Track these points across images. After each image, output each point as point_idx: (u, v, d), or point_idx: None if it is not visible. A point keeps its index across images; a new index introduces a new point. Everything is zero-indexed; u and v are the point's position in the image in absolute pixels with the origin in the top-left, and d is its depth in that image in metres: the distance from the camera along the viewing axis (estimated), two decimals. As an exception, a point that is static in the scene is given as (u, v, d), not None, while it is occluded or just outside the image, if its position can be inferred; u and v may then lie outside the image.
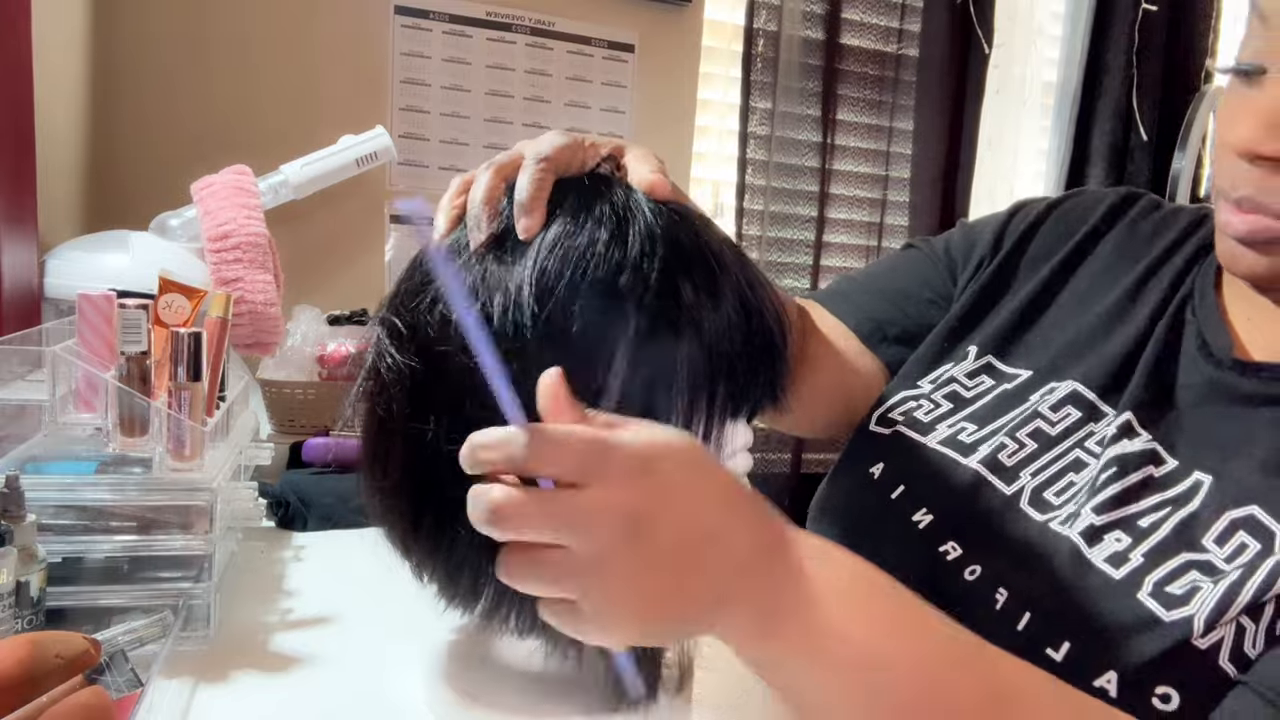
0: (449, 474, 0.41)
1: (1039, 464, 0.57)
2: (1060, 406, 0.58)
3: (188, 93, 1.37)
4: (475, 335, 0.35)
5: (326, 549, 0.77)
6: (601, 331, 0.42)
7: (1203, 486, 0.50)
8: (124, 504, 0.56)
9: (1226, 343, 0.55)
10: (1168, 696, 0.44)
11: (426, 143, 1.53)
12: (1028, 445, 0.58)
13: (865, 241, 1.86)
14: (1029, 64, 1.90)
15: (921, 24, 1.79)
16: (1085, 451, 0.56)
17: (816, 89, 1.75)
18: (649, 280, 0.42)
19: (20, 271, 0.89)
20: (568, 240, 0.43)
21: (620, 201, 0.45)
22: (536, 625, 0.46)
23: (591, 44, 1.60)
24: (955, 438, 0.61)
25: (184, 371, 0.59)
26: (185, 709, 0.50)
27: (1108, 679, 0.45)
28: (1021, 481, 0.56)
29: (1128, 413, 0.55)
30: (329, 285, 1.43)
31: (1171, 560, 0.48)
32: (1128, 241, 0.64)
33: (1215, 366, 0.55)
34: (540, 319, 0.42)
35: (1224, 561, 0.47)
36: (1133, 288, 0.61)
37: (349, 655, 0.58)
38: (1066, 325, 0.62)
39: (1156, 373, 0.56)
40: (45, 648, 0.40)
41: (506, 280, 0.43)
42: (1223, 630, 0.44)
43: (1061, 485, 0.55)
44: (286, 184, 1.08)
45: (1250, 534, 0.47)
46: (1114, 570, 0.49)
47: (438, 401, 0.43)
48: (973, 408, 0.62)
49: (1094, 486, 0.53)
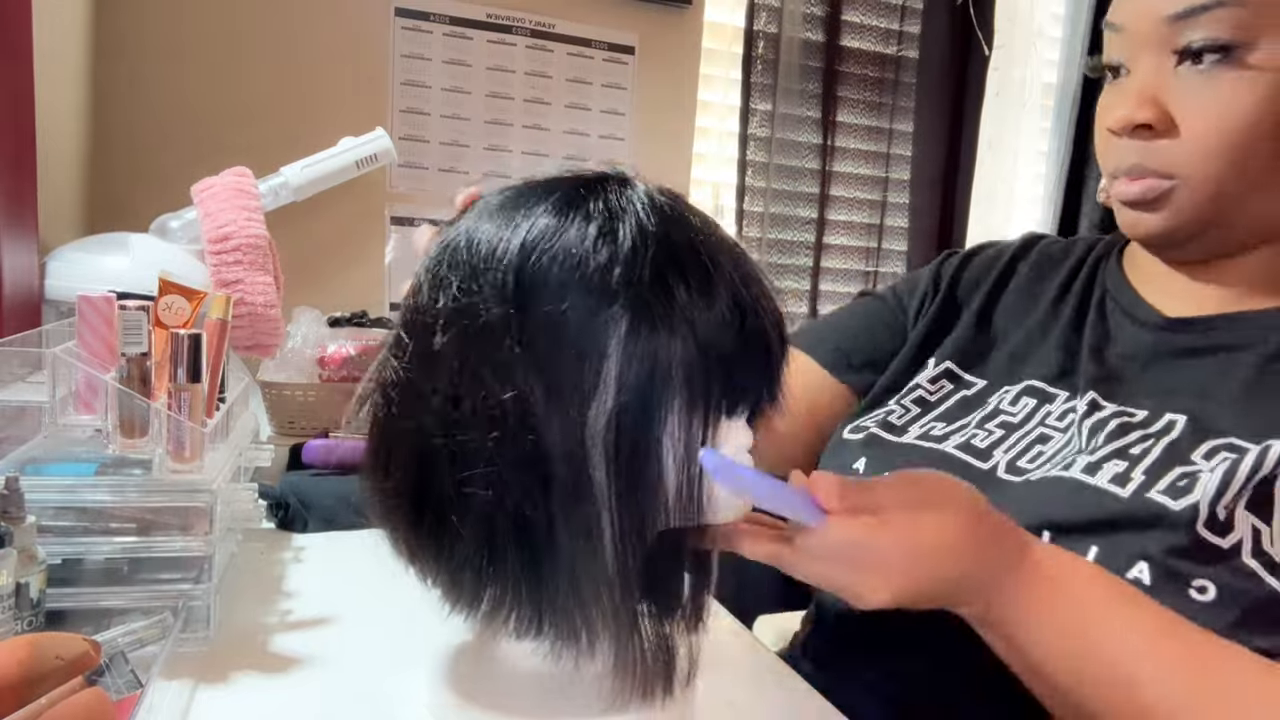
0: (450, 473, 0.41)
1: (1008, 444, 0.63)
2: (1018, 400, 0.66)
3: (188, 94, 1.37)
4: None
5: (326, 550, 0.77)
6: (589, 329, 0.42)
7: (1178, 423, 0.57)
8: (124, 505, 0.56)
9: (1153, 313, 0.64)
10: (1204, 588, 0.49)
11: (427, 145, 1.53)
12: (996, 433, 0.65)
13: (865, 243, 1.86)
14: (1029, 66, 1.90)
15: (921, 26, 1.79)
16: (1046, 426, 0.63)
17: (816, 91, 1.75)
18: (639, 276, 0.42)
19: (21, 273, 0.89)
20: (552, 235, 0.43)
21: (613, 198, 0.45)
22: (537, 626, 0.46)
23: (592, 46, 1.60)
24: (928, 434, 0.67)
25: (184, 373, 0.59)
26: (185, 710, 0.50)
27: (1139, 569, 0.50)
28: (995, 458, 0.62)
29: (1090, 393, 0.62)
30: (329, 287, 1.43)
31: (1168, 473, 0.54)
32: (1039, 267, 0.75)
33: (1150, 330, 0.64)
34: (521, 311, 0.42)
35: (1212, 469, 0.52)
36: (1055, 298, 0.71)
37: (349, 656, 0.58)
38: (1008, 338, 0.71)
39: (1100, 354, 0.65)
40: (45, 649, 0.40)
41: (493, 271, 0.43)
42: (1239, 530, 0.50)
43: (1032, 455, 0.61)
44: (287, 186, 1.08)
45: (1230, 452, 0.53)
46: (1120, 489, 0.54)
47: (437, 400, 0.43)
48: (939, 409, 0.69)
49: (1081, 448, 0.59)
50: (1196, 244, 0.60)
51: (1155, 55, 0.58)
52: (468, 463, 0.42)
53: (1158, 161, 0.58)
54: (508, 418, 0.41)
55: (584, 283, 0.42)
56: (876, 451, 0.67)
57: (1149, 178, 0.58)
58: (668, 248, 0.43)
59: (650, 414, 0.42)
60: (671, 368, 0.42)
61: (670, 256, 0.43)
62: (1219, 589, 0.49)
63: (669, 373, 0.42)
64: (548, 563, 0.43)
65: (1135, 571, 0.50)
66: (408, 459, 0.45)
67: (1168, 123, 0.57)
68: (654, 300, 0.42)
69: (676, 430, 0.43)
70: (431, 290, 0.45)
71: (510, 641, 0.49)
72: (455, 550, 0.44)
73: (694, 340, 0.43)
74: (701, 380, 0.43)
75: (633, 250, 0.42)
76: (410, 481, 0.45)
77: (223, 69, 1.39)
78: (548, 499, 0.42)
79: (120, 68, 1.33)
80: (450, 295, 0.43)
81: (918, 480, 0.49)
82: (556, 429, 0.41)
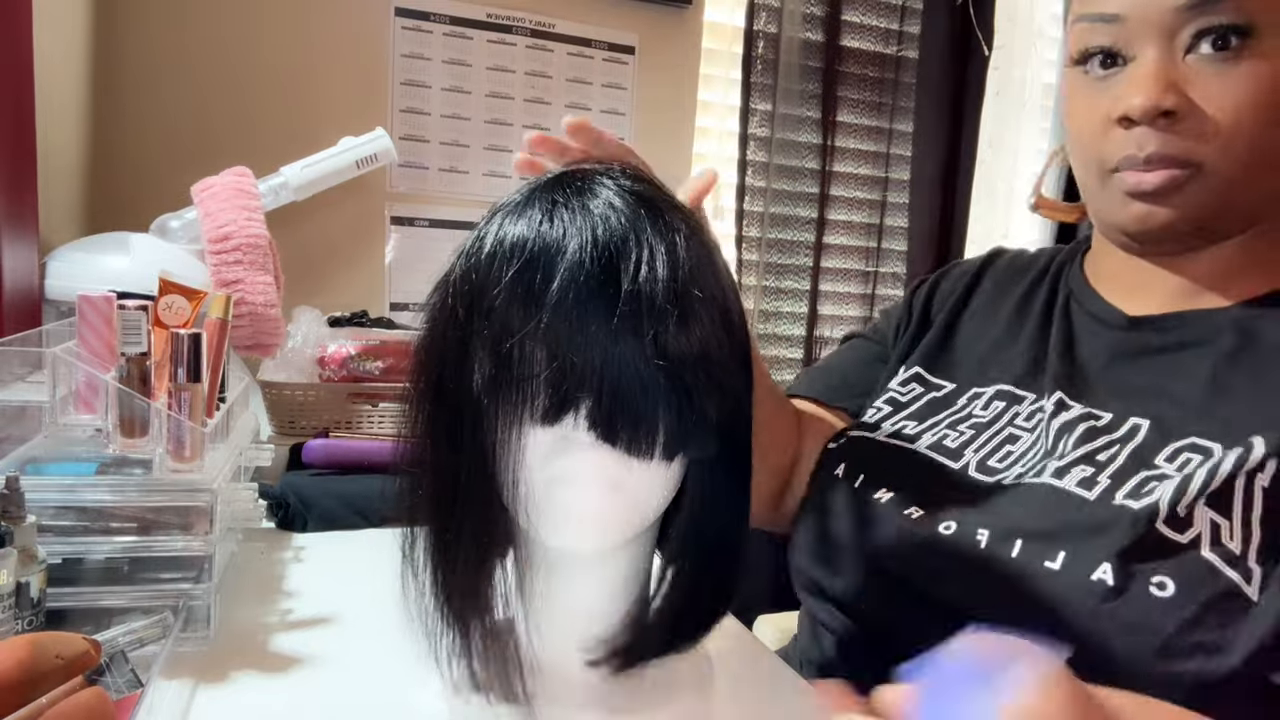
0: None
1: (978, 443, 0.65)
2: (989, 404, 0.68)
3: (188, 94, 1.37)
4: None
5: (326, 550, 0.77)
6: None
7: (1141, 428, 0.58)
8: (124, 505, 0.56)
9: (1115, 313, 0.65)
10: (1164, 584, 0.49)
11: (427, 144, 1.53)
12: (966, 434, 0.66)
13: (865, 243, 1.86)
14: (1029, 66, 1.90)
15: (921, 26, 1.79)
16: (1015, 427, 0.65)
17: (816, 91, 1.75)
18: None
19: (21, 273, 0.89)
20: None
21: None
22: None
23: (592, 46, 1.60)
24: (899, 432, 0.69)
25: (184, 373, 0.59)
26: (185, 710, 0.50)
27: (1103, 570, 0.51)
28: (966, 458, 0.64)
29: (1057, 393, 0.63)
30: (329, 287, 1.43)
31: (1133, 478, 0.55)
32: (1003, 276, 0.77)
33: (1111, 329, 0.65)
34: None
35: (1175, 471, 0.54)
36: (1019, 304, 0.73)
37: (349, 655, 0.58)
38: (972, 345, 0.73)
39: (1066, 355, 0.66)
40: (45, 649, 0.40)
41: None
42: (1198, 525, 0.51)
43: (1001, 454, 0.63)
44: (287, 186, 1.08)
45: (1193, 453, 0.55)
46: (1087, 492, 0.55)
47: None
48: (909, 409, 0.71)
49: (1048, 450, 0.60)
50: (1195, 235, 0.60)
51: (1162, 43, 0.57)
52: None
53: (1179, 149, 0.57)
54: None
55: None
56: (855, 456, 0.69)
57: (1170, 167, 0.57)
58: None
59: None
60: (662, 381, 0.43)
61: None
62: (1177, 585, 0.49)
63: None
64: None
65: (1099, 573, 0.51)
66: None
67: (1188, 109, 0.56)
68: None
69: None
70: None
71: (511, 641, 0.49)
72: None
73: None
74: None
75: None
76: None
77: (223, 69, 1.39)
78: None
79: (120, 68, 1.33)
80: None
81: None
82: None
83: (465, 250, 0.46)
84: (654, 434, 0.43)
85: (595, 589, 0.50)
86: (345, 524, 0.81)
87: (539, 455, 0.44)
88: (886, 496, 0.63)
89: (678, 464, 0.46)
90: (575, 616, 0.51)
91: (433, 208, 1.54)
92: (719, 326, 0.45)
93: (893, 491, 0.64)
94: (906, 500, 0.62)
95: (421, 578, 0.48)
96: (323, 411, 1.05)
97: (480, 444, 0.44)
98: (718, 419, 0.45)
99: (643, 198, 0.45)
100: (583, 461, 0.43)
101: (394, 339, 1.13)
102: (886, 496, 0.63)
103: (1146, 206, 0.59)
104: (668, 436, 0.44)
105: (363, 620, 0.63)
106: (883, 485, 0.64)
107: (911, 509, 0.61)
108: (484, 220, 0.46)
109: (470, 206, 1.56)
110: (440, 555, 0.47)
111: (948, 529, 0.58)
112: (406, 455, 0.47)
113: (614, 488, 0.44)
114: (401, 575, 0.48)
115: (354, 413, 1.06)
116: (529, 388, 0.42)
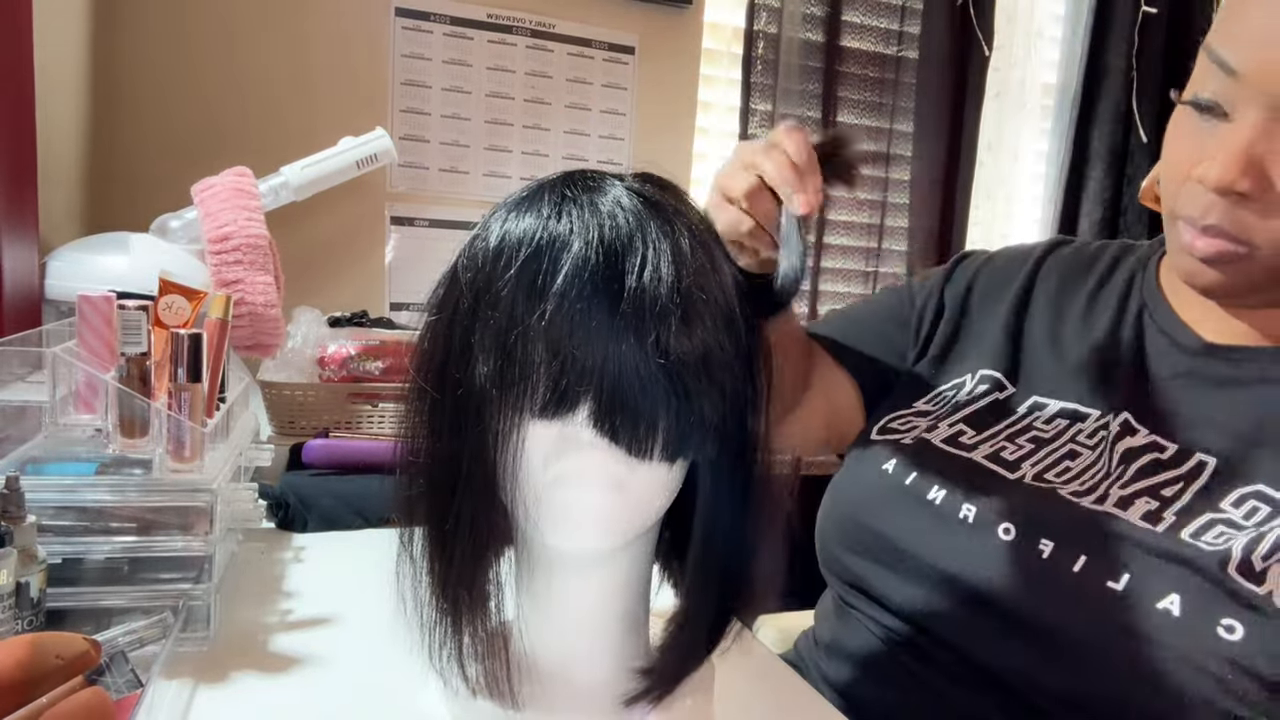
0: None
1: (1037, 457, 0.63)
2: (1051, 420, 0.66)
3: (188, 94, 1.37)
4: None
5: (326, 550, 0.77)
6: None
7: (1207, 467, 0.56)
8: (124, 505, 0.56)
9: (1191, 336, 0.63)
10: (1232, 628, 0.49)
11: (427, 144, 1.53)
12: (1025, 447, 0.65)
13: (864, 243, 1.86)
14: (1029, 66, 1.90)
15: (921, 26, 1.79)
16: (1075, 444, 0.63)
17: (816, 91, 1.75)
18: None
19: (21, 273, 0.89)
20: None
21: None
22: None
23: (592, 46, 1.60)
24: (956, 439, 0.67)
25: (184, 373, 0.59)
26: (185, 710, 0.50)
27: (1170, 601, 0.50)
28: (1023, 470, 0.63)
29: (1125, 413, 0.62)
30: (329, 287, 1.43)
31: (1199, 518, 0.54)
32: (1069, 272, 0.73)
33: (1188, 355, 0.63)
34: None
35: (1243, 519, 0.53)
36: (1084, 309, 0.70)
37: (349, 656, 0.58)
38: (1038, 349, 0.71)
39: (1136, 375, 0.64)
40: (45, 649, 0.40)
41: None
42: (1269, 582, 0.49)
43: (1060, 469, 0.62)
44: (287, 186, 1.08)
45: (1260, 502, 0.53)
46: (1152, 525, 0.54)
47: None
48: (966, 411, 0.69)
49: (1108, 472, 0.59)
50: (1255, 298, 0.59)
51: (1268, 112, 0.53)
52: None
53: (1239, 228, 0.55)
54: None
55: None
56: (907, 456, 0.67)
57: (1224, 239, 0.56)
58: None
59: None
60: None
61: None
62: (1247, 630, 0.48)
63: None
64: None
65: (1166, 602, 0.50)
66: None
67: (1261, 192, 0.54)
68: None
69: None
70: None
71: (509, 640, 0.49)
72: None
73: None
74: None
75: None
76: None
77: (223, 69, 1.39)
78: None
79: (121, 68, 1.33)
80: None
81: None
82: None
83: (474, 240, 0.46)
84: (655, 433, 0.43)
85: (594, 592, 0.50)
86: (345, 524, 0.81)
87: (541, 455, 0.44)
88: (940, 496, 0.63)
89: (679, 467, 0.46)
90: (573, 619, 0.50)
91: (433, 208, 1.54)
92: (722, 330, 0.44)
93: (944, 490, 0.63)
94: (957, 501, 0.62)
95: (419, 568, 0.48)
96: (323, 411, 1.05)
97: (482, 435, 0.44)
98: (720, 422, 0.45)
99: (651, 199, 0.45)
100: (585, 461, 0.43)
101: (394, 339, 1.13)
102: (940, 496, 0.63)
103: (1197, 264, 0.58)
104: (669, 437, 0.44)
105: (363, 620, 0.63)
106: (934, 485, 0.64)
107: (964, 509, 0.61)
108: (493, 211, 0.47)
109: (470, 206, 1.56)
110: (437, 547, 0.47)
111: (1007, 533, 0.58)
112: (408, 445, 0.47)
113: (616, 488, 0.44)
114: (397, 567, 0.48)
115: (354, 413, 1.06)
116: (531, 379, 0.42)
